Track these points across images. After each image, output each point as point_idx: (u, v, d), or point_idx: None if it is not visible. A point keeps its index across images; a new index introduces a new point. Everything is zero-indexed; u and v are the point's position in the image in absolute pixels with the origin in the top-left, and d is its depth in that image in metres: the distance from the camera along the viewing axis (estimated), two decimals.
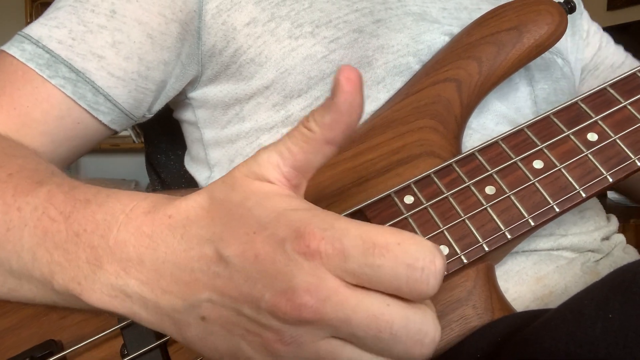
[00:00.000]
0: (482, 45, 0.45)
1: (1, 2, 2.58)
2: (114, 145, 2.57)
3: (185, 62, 0.49)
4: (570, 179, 0.39)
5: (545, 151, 0.40)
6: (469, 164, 0.40)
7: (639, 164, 0.39)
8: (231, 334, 0.25)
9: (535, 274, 0.43)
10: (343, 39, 0.46)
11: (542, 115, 0.42)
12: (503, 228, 0.38)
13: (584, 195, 0.38)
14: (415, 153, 0.42)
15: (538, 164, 0.39)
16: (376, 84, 0.46)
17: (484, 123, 0.47)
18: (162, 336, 0.35)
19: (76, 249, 0.29)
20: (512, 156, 0.40)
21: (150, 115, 0.51)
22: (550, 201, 0.38)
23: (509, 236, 0.37)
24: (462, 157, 0.40)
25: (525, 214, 0.38)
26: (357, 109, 0.26)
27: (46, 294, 0.33)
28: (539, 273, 0.43)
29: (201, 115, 0.53)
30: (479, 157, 0.40)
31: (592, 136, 0.40)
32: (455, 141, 0.43)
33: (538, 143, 0.40)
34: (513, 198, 0.38)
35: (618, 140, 0.40)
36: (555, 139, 0.40)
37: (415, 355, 0.24)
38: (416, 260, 0.23)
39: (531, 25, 0.44)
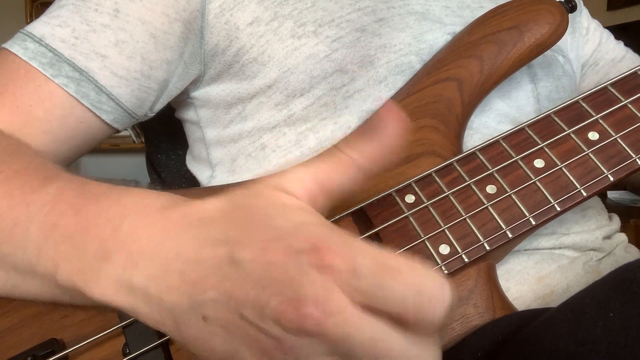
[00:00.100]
0: (483, 44, 0.45)
1: (1, 2, 2.58)
2: (114, 145, 2.57)
3: (188, 62, 0.49)
4: (571, 178, 0.39)
5: (546, 150, 0.40)
6: (470, 163, 0.40)
7: None
8: (231, 337, 0.25)
9: (537, 274, 0.43)
10: (345, 38, 0.46)
11: (543, 114, 0.42)
12: (504, 227, 0.38)
13: (585, 194, 0.38)
14: (416, 152, 0.42)
15: (539, 163, 0.39)
16: (378, 83, 0.46)
17: (486, 122, 0.47)
18: (164, 335, 0.35)
19: (84, 242, 0.29)
20: (513, 155, 0.40)
21: (152, 114, 0.51)
22: (551, 200, 0.38)
23: (510, 235, 0.37)
24: (463, 156, 0.40)
25: (526, 213, 0.38)
26: (397, 150, 0.28)
27: (49, 290, 0.32)
28: (541, 272, 0.43)
29: (203, 114, 0.53)
30: (480, 156, 0.40)
31: (593, 135, 0.40)
32: (456, 140, 0.43)
33: (539, 142, 0.40)
34: (514, 197, 0.38)
35: (619, 139, 0.40)
36: (556, 138, 0.40)
37: None
38: (426, 287, 0.23)
39: (532, 24, 0.44)
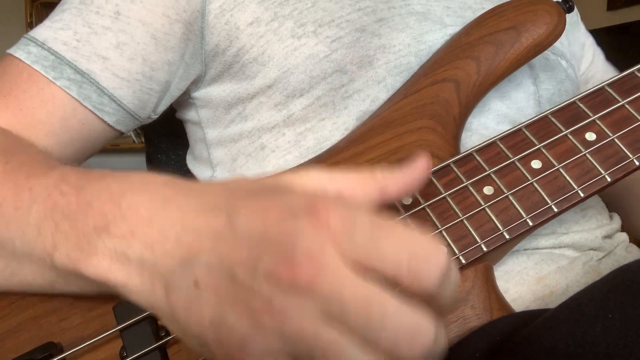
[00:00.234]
0: (481, 45, 0.45)
1: (1, 2, 2.58)
2: (114, 145, 2.57)
3: (189, 62, 0.49)
4: (568, 179, 0.39)
5: (543, 151, 0.40)
6: (467, 164, 0.40)
7: (637, 164, 0.39)
8: (219, 302, 0.24)
9: (536, 274, 0.43)
10: (345, 38, 0.46)
11: (540, 115, 0.42)
12: (501, 228, 0.38)
13: (582, 195, 0.38)
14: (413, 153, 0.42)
15: (536, 164, 0.39)
16: (377, 84, 0.46)
17: (485, 123, 0.47)
18: (162, 338, 0.35)
19: (84, 217, 0.30)
20: (510, 156, 0.40)
21: (155, 116, 0.51)
22: (548, 201, 0.38)
23: (508, 236, 0.37)
24: (461, 157, 0.40)
25: (523, 214, 0.38)
26: (416, 189, 0.31)
27: (45, 274, 0.33)
28: (540, 273, 0.43)
29: (204, 114, 0.53)
30: (477, 157, 0.40)
31: (590, 136, 0.40)
32: (453, 141, 0.43)
33: (536, 143, 0.40)
34: (511, 198, 0.38)
35: (616, 139, 0.40)
36: (553, 139, 0.40)
37: (402, 352, 0.23)
38: (421, 249, 0.23)
39: (529, 24, 0.44)
